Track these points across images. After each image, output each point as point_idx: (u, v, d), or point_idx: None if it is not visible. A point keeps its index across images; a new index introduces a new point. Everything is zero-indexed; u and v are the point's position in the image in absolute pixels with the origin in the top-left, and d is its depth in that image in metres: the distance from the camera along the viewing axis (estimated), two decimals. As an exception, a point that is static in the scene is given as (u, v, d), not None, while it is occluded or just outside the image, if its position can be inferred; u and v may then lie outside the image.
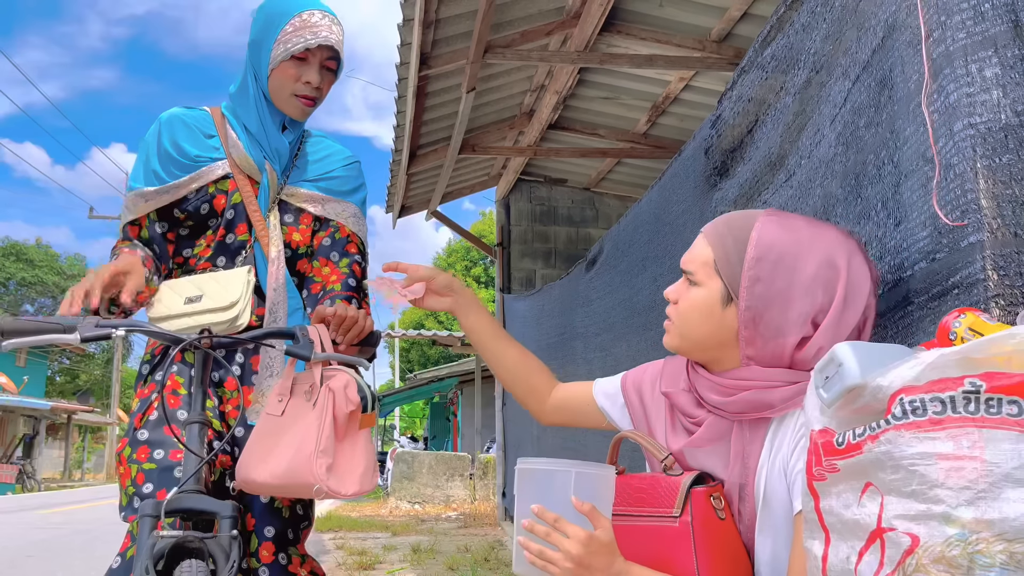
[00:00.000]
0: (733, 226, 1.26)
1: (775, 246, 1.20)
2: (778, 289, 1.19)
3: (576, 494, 1.18)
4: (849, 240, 1.22)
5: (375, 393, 1.76)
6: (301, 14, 1.90)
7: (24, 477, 22.44)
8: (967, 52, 1.15)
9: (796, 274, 1.18)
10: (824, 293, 1.18)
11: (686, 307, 1.28)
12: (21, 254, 40.07)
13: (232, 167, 1.97)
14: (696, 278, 1.27)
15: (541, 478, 1.22)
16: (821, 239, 1.21)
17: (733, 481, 1.24)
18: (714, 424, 1.26)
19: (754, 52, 2.05)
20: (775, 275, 1.19)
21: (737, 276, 1.22)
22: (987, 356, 0.81)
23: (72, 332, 1.55)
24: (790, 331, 1.19)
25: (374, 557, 6.28)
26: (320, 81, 1.95)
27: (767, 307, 1.19)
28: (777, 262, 1.19)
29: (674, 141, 6.91)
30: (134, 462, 1.75)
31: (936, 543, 0.80)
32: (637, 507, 1.27)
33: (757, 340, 1.21)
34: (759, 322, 1.20)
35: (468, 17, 5.00)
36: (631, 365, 1.43)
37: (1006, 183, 1.10)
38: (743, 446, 1.24)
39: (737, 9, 4.99)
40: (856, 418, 0.92)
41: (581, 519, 1.17)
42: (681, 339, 1.30)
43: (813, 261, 1.18)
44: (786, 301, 1.19)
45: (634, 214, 3.49)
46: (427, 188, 8.00)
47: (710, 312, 1.25)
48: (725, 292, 1.23)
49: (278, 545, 1.85)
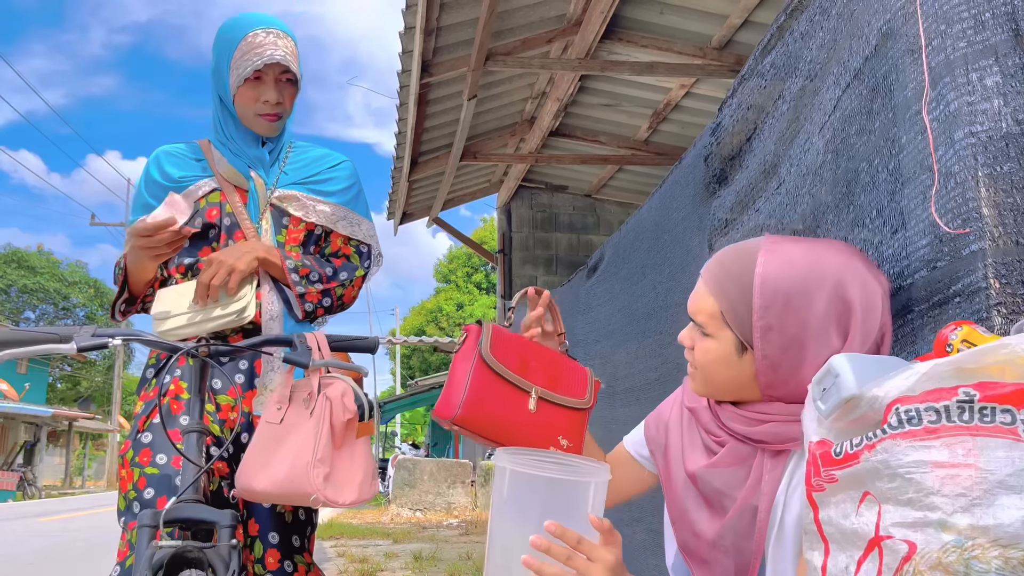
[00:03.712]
0: (732, 272, 1.22)
1: (780, 289, 1.16)
2: (792, 334, 1.16)
3: (593, 508, 1.08)
4: (853, 259, 1.19)
5: (372, 401, 1.76)
6: (246, 37, 1.94)
7: (25, 484, 22.43)
8: (968, 61, 1.15)
9: (808, 315, 1.15)
10: (838, 328, 1.15)
11: (704, 360, 1.25)
12: (23, 261, 40.12)
13: (220, 181, 2.03)
14: (707, 330, 1.25)
15: (549, 487, 1.08)
16: (824, 267, 1.17)
17: (748, 503, 1.23)
18: (735, 449, 1.25)
19: (754, 60, 2.05)
20: (786, 321, 1.16)
21: (748, 326, 1.19)
22: (980, 366, 0.82)
23: (68, 342, 1.56)
24: (808, 370, 1.16)
25: (376, 565, 6.27)
26: (279, 97, 1.99)
27: (783, 352, 1.17)
28: (786, 307, 1.16)
29: (675, 148, 6.93)
30: (136, 465, 1.75)
31: (933, 550, 0.81)
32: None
33: (777, 384, 1.19)
34: (778, 368, 1.18)
35: (469, 25, 5.01)
36: (630, 372, 1.44)
37: (1007, 191, 1.10)
38: (763, 472, 1.22)
39: (737, 17, 5.01)
40: (853, 429, 0.92)
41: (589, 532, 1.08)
42: (705, 386, 1.28)
43: (822, 298, 1.15)
44: (801, 344, 1.16)
45: (635, 221, 3.49)
46: (428, 195, 8.02)
47: (727, 362, 1.23)
48: (738, 342, 1.21)
49: (283, 552, 1.85)
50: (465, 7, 4.81)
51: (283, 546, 1.85)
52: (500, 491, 1.11)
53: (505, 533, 1.11)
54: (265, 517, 1.86)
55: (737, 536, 1.24)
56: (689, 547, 1.32)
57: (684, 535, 1.33)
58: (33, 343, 1.56)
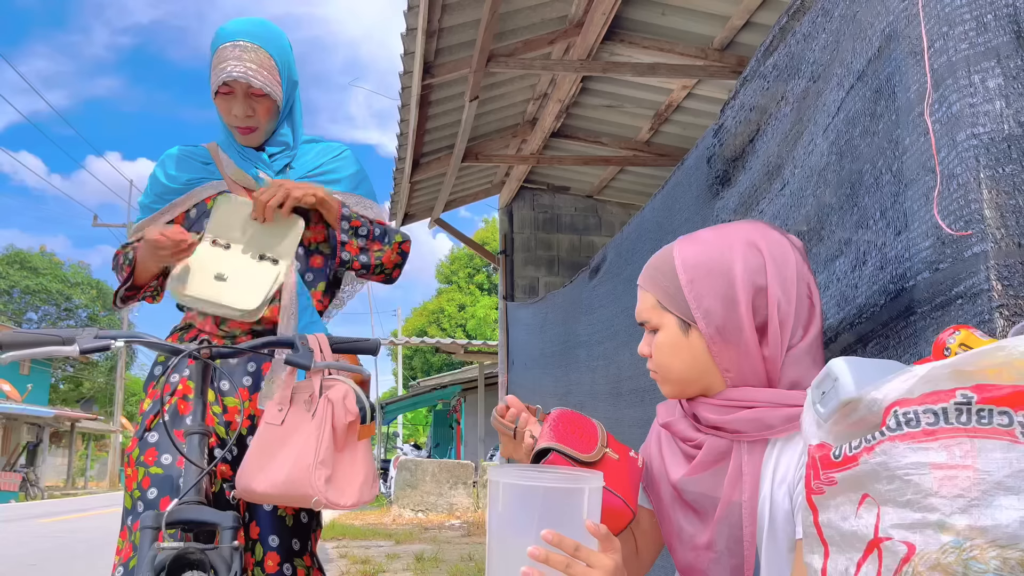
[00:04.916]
0: (658, 266, 1.32)
1: (699, 261, 1.26)
2: (722, 294, 1.23)
3: (589, 514, 1.08)
4: (758, 224, 1.29)
5: (374, 403, 1.76)
6: (218, 50, 1.94)
7: (27, 485, 22.46)
8: (970, 62, 1.15)
9: (731, 273, 1.23)
10: (759, 274, 1.23)
11: (660, 355, 1.31)
12: (25, 262, 40.19)
13: (229, 184, 2.04)
14: (652, 324, 1.32)
15: (545, 496, 1.07)
16: (732, 233, 1.28)
17: (735, 500, 1.23)
18: (713, 445, 1.26)
19: (756, 62, 2.05)
20: (713, 284, 1.24)
21: (683, 303, 1.26)
22: (978, 368, 0.82)
23: (71, 344, 1.56)
24: (746, 325, 1.22)
25: (377, 566, 6.27)
26: (249, 110, 1.98)
27: (721, 315, 1.23)
28: (708, 273, 1.25)
29: (677, 149, 6.93)
30: (141, 464, 1.76)
31: (931, 551, 0.81)
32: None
33: (727, 351, 1.24)
34: (721, 332, 1.23)
35: (471, 26, 5.02)
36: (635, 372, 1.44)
37: (1009, 193, 1.10)
38: (742, 465, 1.23)
39: (739, 18, 5.01)
40: (852, 431, 0.93)
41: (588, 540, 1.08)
42: (671, 384, 1.33)
43: (738, 256, 1.24)
44: (734, 301, 1.22)
45: (637, 223, 3.49)
46: (430, 196, 8.02)
47: (677, 346, 1.28)
48: (680, 322, 1.28)
49: (283, 555, 1.85)
50: (467, 8, 4.82)
51: (283, 549, 1.86)
52: (495, 506, 1.11)
53: (504, 547, 1.10)
54: (266, 520, 1.86)
55: (730, 534, 1.24)
56: (689, 564, 1.32)
57: (684, 554, 1.32)
58: (36, 345, 1.56)
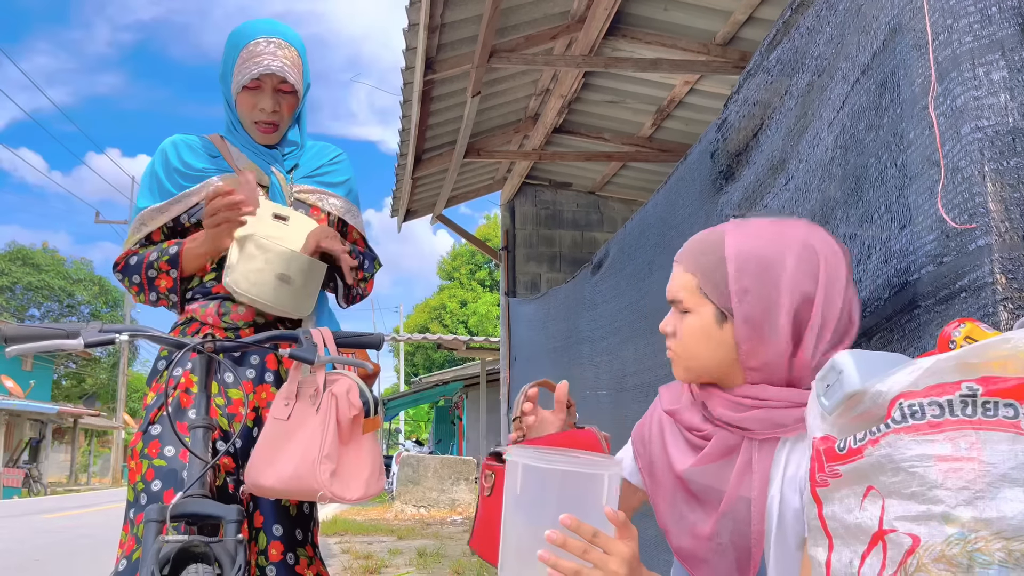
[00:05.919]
0: (705, 248, 1.27)
1: (752, 254, 1.22)
2: (767, 294, 1.20)
3: (608, 501, 1.06)
4: (814, 226, 1.26)
5: (378, 397, 1.76)
6: (248, 45, 1.95)
7: (30, 481, 22.49)
8: (974, 55, 1.15)
9: (780, 273, 1.20)
10: (809, 283, 1.19)
11: (686, 337, 1.28)
12: (27, 258, 40.18)
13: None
14: (686, 305, 1.28)
15: (563, 480, 1.05)
16: (789, 232, 1.24)
17: (742, 495, 1.22)
18: (723, 439, 1.25)
19: (760, 56, 2.05)
20: (761, 281, 1.20)
21: (725, 294, 1.23)
22: (983, 361, 0.82)
23: (76, 337, 1.56)
24: (784, 332, 1.19)
25: (380, 561, 6.28)
26: (276, 106, 2.00)
27: (761, 314, 1.20)
28: (758, 269, 1.21)
29: (679, 144, 6.92)
30: (145, 457, 1.77)
31: (936, 543, 0.81)
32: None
33: (759, 351, 1.21)
34: (757, 332, 1.20)
35: (473, 22, 5.01)
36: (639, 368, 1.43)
37: (1014, 186, 1.10)
38: (752, 462, 1.22)
39: (742, 13, 5.00)
40: (857, 424, 0.93)
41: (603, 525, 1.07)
42: (687, 369, 1.30)
43: (792, 256, 1.20)
44: (777, 303, 1.19)
45: (640, 218, 3.49)
46: (432, 192, 8.01)
47: (708, 335, 1.25)
48: (717, 312, 1.24)
49: (287, 544, 1.86)
50: (469, 4, 4.81)
51: (287, 538, 1.87)
52: (513, 488, 1.09)
53: (520, 530, 1.09)
54: (270, 510, 1.87)
55: (734, 529, 1.23)
56: (686, 550, 1.31)
57: (681, 539, 1.32)
58: (41, 339, 1.56)
